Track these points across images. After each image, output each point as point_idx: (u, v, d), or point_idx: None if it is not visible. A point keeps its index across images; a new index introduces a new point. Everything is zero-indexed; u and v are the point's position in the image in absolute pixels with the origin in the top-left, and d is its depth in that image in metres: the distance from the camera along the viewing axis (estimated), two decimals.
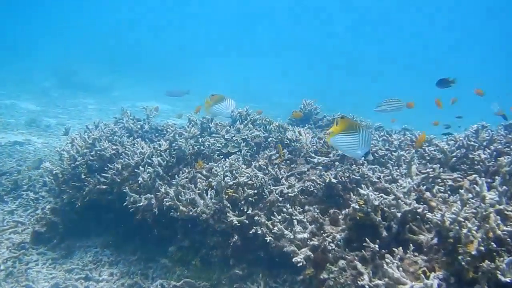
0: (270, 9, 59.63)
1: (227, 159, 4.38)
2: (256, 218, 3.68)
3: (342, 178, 3.68)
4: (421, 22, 54.83)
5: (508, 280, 2.19)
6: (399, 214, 2.95)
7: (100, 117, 6.67)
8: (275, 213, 3.68)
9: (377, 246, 2.89)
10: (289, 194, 3.81)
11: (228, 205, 3.86)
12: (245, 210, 3.82)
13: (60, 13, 43.96)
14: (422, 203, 3.10)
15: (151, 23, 46.56)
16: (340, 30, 55.70)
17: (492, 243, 2.36)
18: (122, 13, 48.64)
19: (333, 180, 3.65)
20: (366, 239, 2.94)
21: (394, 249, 2.77)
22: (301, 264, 3.15)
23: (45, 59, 26.23)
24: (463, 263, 2.41)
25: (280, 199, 3.83)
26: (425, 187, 3.30)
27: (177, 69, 28.30)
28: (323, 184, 3.73)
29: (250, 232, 3.66)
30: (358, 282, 2.82)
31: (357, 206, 3.11)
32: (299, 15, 59.19)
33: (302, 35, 54.09)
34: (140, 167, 4.34)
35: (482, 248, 2.36)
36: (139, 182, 4.32)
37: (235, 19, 57.49)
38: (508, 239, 2.38)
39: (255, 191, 3.89)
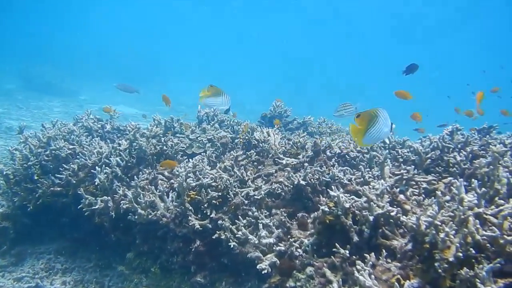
0: (244, 20, 59.64)
1: (190, 160, 4.13)
2: (219, 222, 3.45)
3: (312, 180, 3.48)
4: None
5: None
6: (371, 218, 2.75)
7: (65, 120, 6.33)
8: (239, 216, 3.44)
9: (347, 252, 2.68)
10: (256, 197, 3.59)
11: (190, 208, 3.61)
12: (208, 214, 3.57)
13: (26, 14, 42.89)
14: (395, 206, 2.91)
15: (122, 26, 45.89)
16: (315, 41, 55.89)
17: (471, 249, 2.18)
18: (91, 16, 47.75)
19: (302, 182, 3.44)
20: (336, 244, 2.73)
21: (365, 255, 2.57)
22: (266, 271, 2.93)
23: (10, 61, 25.44)
24: (439, 270, 2.22)
25: (246, 202, 3.60)
26: (398, 189, 3.11)
27: (147, 75, 27.85)
28: (292, 186, 3.52)
29: (213, 237, 3.41)
30: None
31: (326, 209, 2.90)
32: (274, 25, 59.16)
33: (276, 45, 54.21)
34: (97, 167, 4.06)
35: (460, 254, 2.17)
36: (96, 183, 4.04)
37: (211, 27, 57.28)
38: (488, 245, 2.20)
39: (219, 194, 3.65)
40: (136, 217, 3.67)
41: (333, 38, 54.85)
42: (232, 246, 3.25)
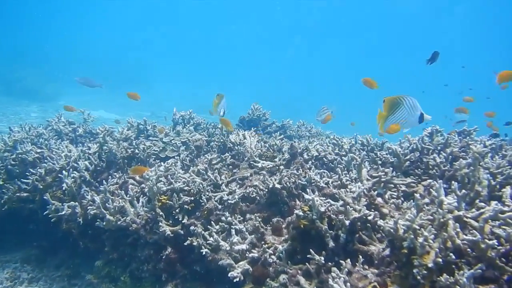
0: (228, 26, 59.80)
1: (162, 163, 3.97)
2: (192, 228, 3.29)
3: (287, 183, 3.34)
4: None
5: None
6: (347, 222, 2.62)
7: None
8: (212, 222, 3.29)
9: (322, 258, 2.55)
10: (229, 201, 3.43)
11: (161, 213, 3.45)
12: (180, 219, 3.42)
13: (10, 16, 42.17)
14: (373, 209, 2.79)
15: (110, 32, 45.57)
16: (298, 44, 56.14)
17: (451, 254, 2.06)
18: (70, 19, 47.22)
19: (277, 186, 3.30)
20: (311, 250, 2.59)
21: (341, 261, 2.44)
22: (238, 279, 2.79)
23: None
24: (418, 277, 2.09)
25: (219, 206, 3.45)
26: (376, 192, 2.99)
27: (128, 79, 27.55)
28: (267, 190, 3.37)
29: (185, 243, 3.26)
30: None
31: (301, 213, 2.76)
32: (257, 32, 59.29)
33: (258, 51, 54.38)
34: (64, 171, 3.88)
35: (440, 260, 2.05)
36: (63, 188, 3.86)
37: (196, 35, 57.14)
38: (469, 250, 2.08)
39: (192, 198, 3.50)
40: (104, 223, 3.50)
41: (332, 41, 55.33)
42: (204, 253, 3.09)
